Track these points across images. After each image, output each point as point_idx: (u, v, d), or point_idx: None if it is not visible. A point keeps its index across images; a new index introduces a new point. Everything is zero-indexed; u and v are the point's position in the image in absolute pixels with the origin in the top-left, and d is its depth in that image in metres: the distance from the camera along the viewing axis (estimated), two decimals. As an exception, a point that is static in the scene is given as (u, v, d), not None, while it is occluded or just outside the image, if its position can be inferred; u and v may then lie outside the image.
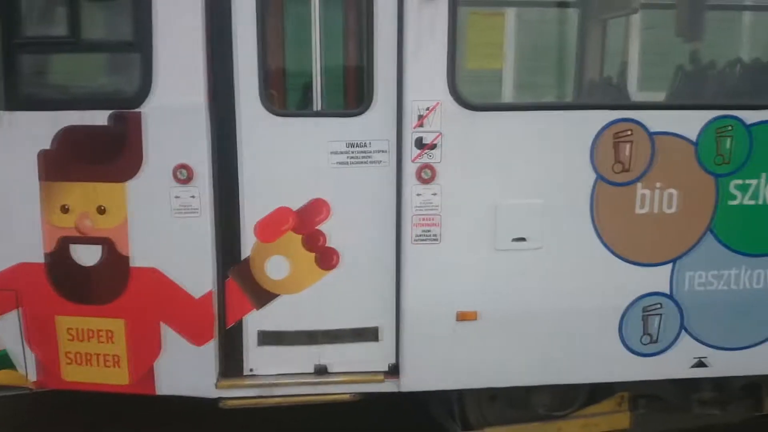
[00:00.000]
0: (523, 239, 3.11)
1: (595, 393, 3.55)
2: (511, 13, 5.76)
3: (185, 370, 3.12)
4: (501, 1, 4.65)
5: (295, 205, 3.06)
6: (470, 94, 3.01)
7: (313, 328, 3.19)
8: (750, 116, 3.12)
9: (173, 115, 2.89)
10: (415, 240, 3.05)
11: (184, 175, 2.93)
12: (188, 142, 2.92)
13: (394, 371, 3.23)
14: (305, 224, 3.07)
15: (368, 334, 3.21)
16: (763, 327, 3.35)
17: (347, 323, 3.19)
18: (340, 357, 3.22)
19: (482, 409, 3.50)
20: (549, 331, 3.21)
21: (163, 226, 2.97)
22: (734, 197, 3.18)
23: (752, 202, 3.19)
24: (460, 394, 3.45)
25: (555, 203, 3.09)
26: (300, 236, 3.09)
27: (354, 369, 3.24)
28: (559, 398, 3.51)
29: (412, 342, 3.16)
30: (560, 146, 3.06)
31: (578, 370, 3.30)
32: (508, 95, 5.88)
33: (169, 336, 3.08)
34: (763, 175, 3.17)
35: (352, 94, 3.22)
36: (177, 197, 2.95)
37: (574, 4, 4.82)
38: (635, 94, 5.09)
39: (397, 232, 3.08)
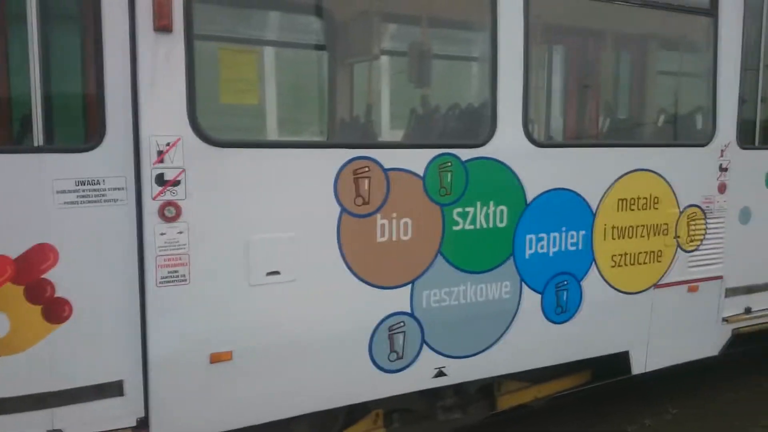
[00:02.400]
0: (277, 273, 3.15)
1: (353, 414, 3.71)
2: (270, 51, 5.91)
3: None
4: (241, 39, 4.71)
5: (14, 252, 2.69)
6: (224, 129, 2.99)
7: (42, 391, 2.81)
8: (465, 154, 3.61)
9: None
10: (160, 282, 2.89)
11: None
12: None
13: (143, 425, 2.99)
14: (27, 273, 2.71)
15: (111, 390, 2.93)
16: (488, 334, 3.85)
17: (85, 380, 2.87)
18: (78, 419, 2.88)
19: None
20: (305, 361, 3.28)
21: None
22: (457, 223, 3.63)
23: (471, 227, 3.68)
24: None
25: (305, 236, 3.19)
26: (21, 287, 2.71)
27: (96, 429, 2.92)
28: (318, 425, 3.60)
29: (162, 392, 2.97)
30: (307, 182, 3.19)
31: (335, 394, 3.42)
32: (270, 131, 5.98)
33: None
34: (478, 203, 3.68)
35: (83, 127, 2.97)
36: None
37: (323, 46, 5.11)
38: (388, 133, 5.57)
39: (140, 275, 2.88)
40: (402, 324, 3.53)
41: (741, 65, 4.60)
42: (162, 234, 2.87)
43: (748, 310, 4.96)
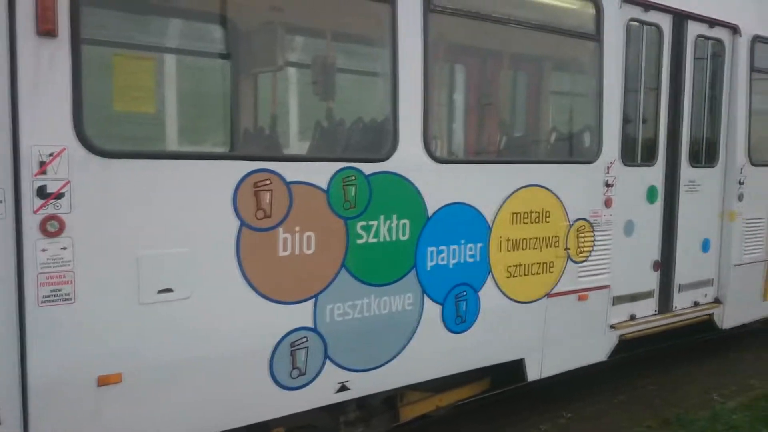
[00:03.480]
0: (170, 290, 3.03)
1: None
2: (170, 59, 5.70)
3: None
4: (138, 45, 4.53)
5: None
6: (117, 139, 2.84)
7: None
8: (368, 168, 3.65)
9: None
10: (42, 302, 2.70)
11: None
12: None
13: (21, 458, 2.76)
14: None
15: (-17, 420, 2.69)
16: (391, 346, 3.89)
17: (-49, 411, 2.62)
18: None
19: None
20: (202, 381, 3.16)
21: None
22: (361, 237, 3.65)
23: (375, 240, 3.72)
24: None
25: (201, 251, 3.09)
26: None
27: (-36, 465, 2.67)
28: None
29: (44, 419, 2.76)
30: (204, 194, 3.09)
31: (235, 414, 3.32)
32: (169, 141, 5.76)
33: None
34: (381, 217, 3.73)
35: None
36: None
37: (226, 55, 5.00)
38: (291, 146, 5.51)
39: (18, 295, 2.67)
40: (305, 339, 3.49)
41: (623, 88, 4.98)
42: (44, 250, 2.68)
43: (632, 317, 5.33)
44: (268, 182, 3.24)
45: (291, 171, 3.34)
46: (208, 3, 4.50)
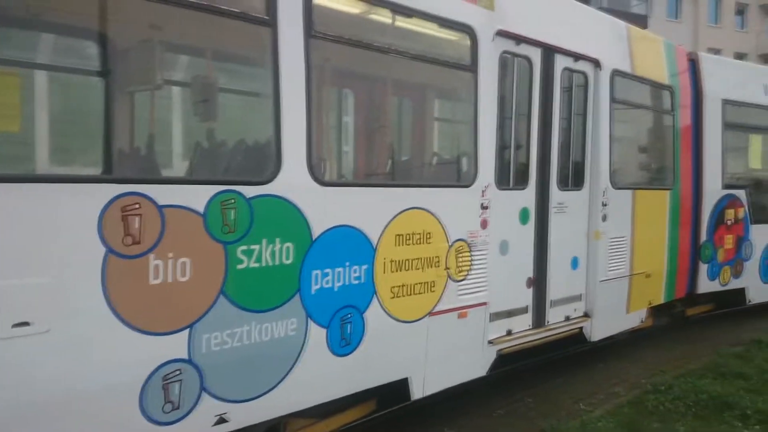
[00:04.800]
0: (26, 324, 2.77)
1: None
2: (41, 76, 5.28)
3: None
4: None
5: None
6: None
7: None
8: (249, 191, 3.57)
9: None
10: None
11: None
12: None
13: None
14: None
15: None
16: (274, 374, 3.80)
17: None
18: None
19: None
20: (67, 420, 2.92)
21: None
22: (241, 261, 3.55)
23: (257, 265, 3.63)
24: None
25: (63, 281, 2.87)
26: None
27: None
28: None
29: None
30: (67, 220, 2.89)
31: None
32: (39, 162, 5.32)
33: None
34: (264, 241, 3.65)
35: None
36: None
37: (99, 72, 4.72)
38: (165, 168, 5.25)
39: None
40: (178, 372, 3.32)
41: (498, 115, 5.26)
42: None
43: (509, 332, 5.59)
44: (137, 206, 3.08)
45: (164, 194, 3.20)
46: (82, 18, 4.24)
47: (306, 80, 3.81)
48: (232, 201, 3.50)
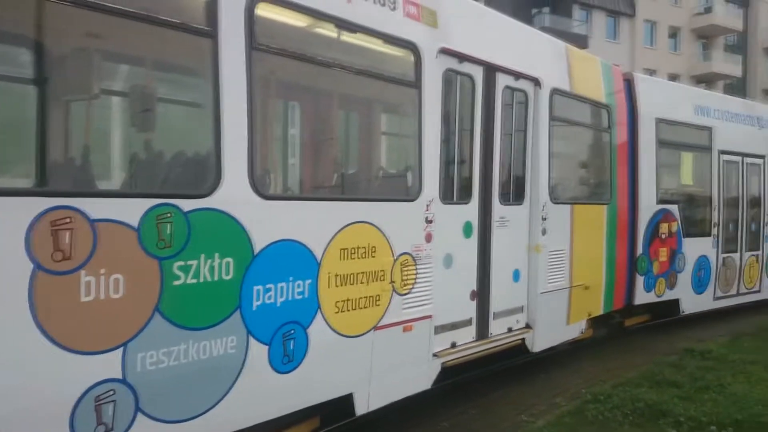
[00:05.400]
0: (-56, 344, 2.62)
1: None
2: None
3: None
4: None
5: None
6: None
7: None
8: (187, 204, 3.49)
9: None
10: None
11: None
12: None
13: None
14: None
15: None
16: (213, 393, 3.69)
17: None
18: None
19: None
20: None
21: None
22: (178, 277, 3.46)
23: (194, 281, 3.54)
24: None
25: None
26: None
27: None
28: None
29: None
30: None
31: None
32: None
33: None
34: (202, 256, 3.57)
35: None
36: None
37: (33, 81, 4.53)
38: (100, 181, 5.07)
39: None
40: (111, 392, 3.19)
41: (442, 131, 5.34)
42: None
43: (453, 345, 5.64)
44: (68, 220, 2.96)
45: (96, 208, 3.09)
46: (16, 24, 4.07)
47: (248, 92, 3.77)
48: (169, 215, 3.41)
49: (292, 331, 4.14)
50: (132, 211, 3.24)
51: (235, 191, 3.73)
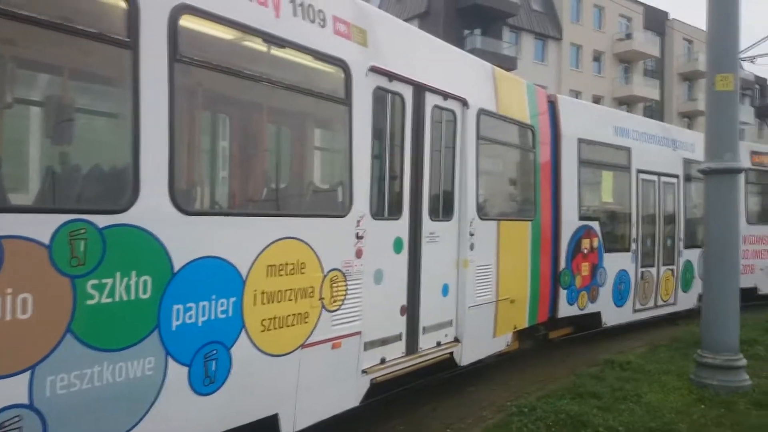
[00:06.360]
0: None
1: None
2: None
3: None
4: None
5: None
6: None
7: None
8: (102, 220, 3.35)
9: None
10: None
11: None
12: None
13: None
14: None
15: None
16: (128, 417, 3.53)
17: None
18: None
19: None
20: None
21: None
22: (92, 297, 3.31)
23: (109, 300, 3.39)
24: None
25: None
26: None
27: None
28: None
29: None
30: None
31: None
32: None
33: None
34: (117, 274, 3.43)
35: None
36: None
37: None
38: (16, 194, 4.79)
39: None
40: (17, 419, 3.00)
41: (372, 148, 5.38)
42: None
43: (383, 360, 5.65)
44: (-31, 238, 2.79)
45: (4, 224, 2.93)
46: None
47: (169, 105, 3.68)
48: (82, 231, 3.26)
49: (215, 352, 4.03)
50: (43, 227, 3.09)
51: (154, 206, 3.61)
